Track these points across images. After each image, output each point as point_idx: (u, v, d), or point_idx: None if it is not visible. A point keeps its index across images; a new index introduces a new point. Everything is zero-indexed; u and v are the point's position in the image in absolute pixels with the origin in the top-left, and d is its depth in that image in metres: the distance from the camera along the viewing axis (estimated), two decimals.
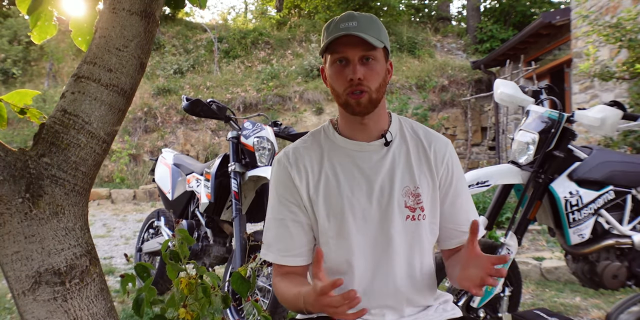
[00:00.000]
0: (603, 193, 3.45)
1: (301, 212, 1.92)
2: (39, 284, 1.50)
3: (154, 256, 5.15)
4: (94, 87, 1.61)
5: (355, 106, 1.80)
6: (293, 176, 1.92)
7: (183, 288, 1.78)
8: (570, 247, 3.51)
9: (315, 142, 1.98)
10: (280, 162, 1.96)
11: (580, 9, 9.26)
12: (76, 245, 1.57)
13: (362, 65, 1.77)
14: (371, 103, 1.81)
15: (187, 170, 4.90)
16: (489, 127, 14.89)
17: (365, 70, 1.77)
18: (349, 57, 1.78)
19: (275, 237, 1.93)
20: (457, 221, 1.97)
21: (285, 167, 1.94)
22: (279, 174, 1.96)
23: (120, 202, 12.88)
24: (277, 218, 1.93)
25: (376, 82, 1.80)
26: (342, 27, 1.76)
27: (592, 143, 8.10)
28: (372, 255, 1.87)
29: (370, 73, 1.78)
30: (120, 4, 1.65)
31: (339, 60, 1.80)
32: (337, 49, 1.78)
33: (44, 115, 2.03)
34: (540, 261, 5.60)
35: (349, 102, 1.80)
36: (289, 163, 1.94)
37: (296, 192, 1.92)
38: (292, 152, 1.97)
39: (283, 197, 1.93)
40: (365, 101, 1.79)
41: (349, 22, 1.76)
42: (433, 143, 1.96)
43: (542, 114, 3.46)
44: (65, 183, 1.56)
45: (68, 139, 1.57)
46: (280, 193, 1.94)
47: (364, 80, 1.77)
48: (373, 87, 1.79)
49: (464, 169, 12.58)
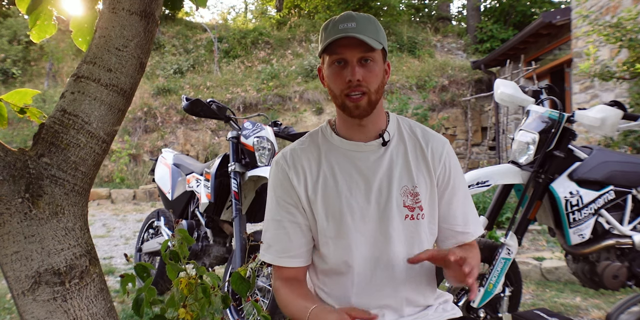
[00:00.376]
0: (603, 193, 3.45)
1: (299, 214, 1.92)
2: (39, 284, 1.49)
3: (154, 256, 5.15)
4: (94, 87, 1.61)
5: (354, 109, 1.81)
6: (291, 177, 1.92)
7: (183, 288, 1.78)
8: (570, 247, 3.51)
9: (313, 143, 1.98)
10: (278, 163, 1.97)
11: (581, 8, 9.26)
12: (76, 245, 1.57)
13: (360, 67, 1.77)
14: (370, 105, 1.81)
15: (187, 170, 4.90)
16: (489, 127, 14.89)
17: (364, 71, 1.77)
18: (348, 59, 1.77)
19: (273, 238, 1.93)
20: (452, 221, 1.97)
21: (283, 169, 1.94)
22: (276, 175, 1.96)
23: (120, 202, 12.88)
24: (275, 219, 1.94)
25: (375, 83, 1.80)
26: (341, 28, 1.75)
27: (593, 143, 8.10)
28: (372, 255, 1.87)
29: (369, 74, 1.78)
30: (120, 3, 1.65)
31: (337, 61, 1.80)
32: (336, 50, 1.78)
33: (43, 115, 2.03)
34: (541, 261, 5.60)
35: (347, 104, 1.81)
36: (287, 164, 1.94)
37: (294, 194, 1.92)
38: (290, 153, 1.97)
39: (281, 199, 1.94)
40: (365, 103, 1.79)
41: (348, 22, 1.76)
42: (430, 142, 1.96)
43: (543, 114, 3.46)
44: (65, 183, 1.56)
45: (68, 139, 1.57)
46: (279, 195, 1.94)
47: (363, 82, 1.76)
48: (372, 89, 1.79)
49: (464, 169, 12.58)
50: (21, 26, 18.55)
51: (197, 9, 2.17)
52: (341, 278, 1.91)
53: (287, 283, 1.92)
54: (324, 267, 1.95)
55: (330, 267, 1.92)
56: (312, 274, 2.03)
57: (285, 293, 1.89)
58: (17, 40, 18.67)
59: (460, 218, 1.97)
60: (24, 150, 1.55)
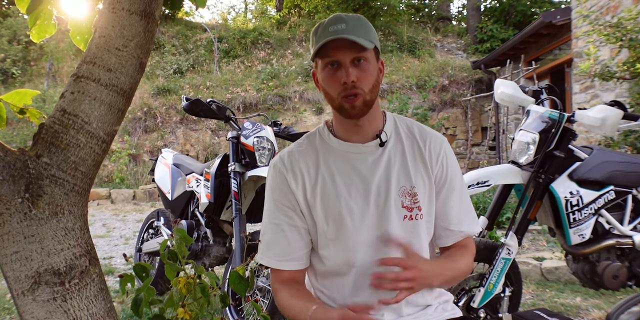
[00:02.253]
0: (603, 193, 3.45)
1: (297, 217, 1.93)
2: (39, 284, 1.50)
3: (153, 256, 5.15)
4: (94, 87, 1.61)
5: (350, 110, 1.80)
6: (289, 180, 1.92)
7: (181, 288, 1.78)
8: (570, 247, 3.51)
9: (310, 145, 1.99)
10: (276, 166, 1.97)
11: (581, 8, 9.25)
12: (76, 245, 1.57)
13: (354, 68, 1.77)
14: (366, 105, 1.81)
15: (186, 170, 4.90)
16: (489, 127, 14.90)
17: (358, 72, 1.77)
18: (341, 61, 1.77)
19: (271, 241, 1.93)
20: (447, 219, 1.97)
21: (281, 172, 1.94)
22: (274, 178, 1.96)
23: (119, 202, 12.88)
24: (273, 223, 1.94)
25: (369, 83, 1.80)
26: (331, 31, 1.75)
27: (593, 143, 8.10)
28: (371, 256, 1.87)
29: (363, 75, 1.78)
30: (120, 3, 1.65)
31: (331, 64, 1.79)
32: (328, 53, 1.78)
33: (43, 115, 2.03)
34: (541, 261, 5.60)
35: (344, 106, 1.80)
36: (285, 168, 1.94)
37: (292, 197, 1.92)
38: (287, 156, 1.97)
39: (279, 202, 1.94)
40: (360, 104, 1.79)
41: (338, 24, 1.76)
42: (428, 141, 1.96)
43: (543, 113, 3.46)
44: (64, 183, 1.56)
45: (67, 139, 1.57)
46: (276, 198, 1.94)
47: (357, 82, 1.76)
48: (367, 89, 1.79)
49: (464, 169, 12.59)
50: (21, 26, 18.55)
51: (197, 8, 2.17)
52: (341, 279, 1.91)
53: (286, 285, 1.92)
54: (322, 269, 1.95)
55: (330, 268, 1.92)
56: (311, 276, 2.03)
57: (285, 296, 1.89)
58: (17, 40, 18.67)
59: (455, 217, 1.97)
60: (23, 150, 1.56)
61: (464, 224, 1.99)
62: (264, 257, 1.94)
